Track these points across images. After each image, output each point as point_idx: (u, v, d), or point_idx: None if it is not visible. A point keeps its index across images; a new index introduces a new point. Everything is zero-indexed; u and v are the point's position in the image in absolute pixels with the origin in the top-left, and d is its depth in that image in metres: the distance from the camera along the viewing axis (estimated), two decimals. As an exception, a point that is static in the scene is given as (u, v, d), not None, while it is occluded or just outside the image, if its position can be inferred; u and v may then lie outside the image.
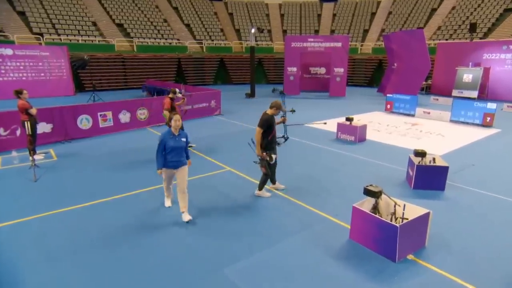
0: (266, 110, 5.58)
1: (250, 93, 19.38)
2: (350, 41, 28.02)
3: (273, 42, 29.76)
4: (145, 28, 27.26)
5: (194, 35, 29.10)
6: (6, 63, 17.91)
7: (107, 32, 25.02)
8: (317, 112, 14.43)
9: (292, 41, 20.27)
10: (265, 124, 5.40)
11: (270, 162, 5.54)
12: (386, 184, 6.24)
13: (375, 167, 7.32)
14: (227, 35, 30.57)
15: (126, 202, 5.52)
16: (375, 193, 4.28)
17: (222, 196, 5.76)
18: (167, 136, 4.75)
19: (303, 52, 20.36)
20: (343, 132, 9.54)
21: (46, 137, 8.97)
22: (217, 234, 4.59)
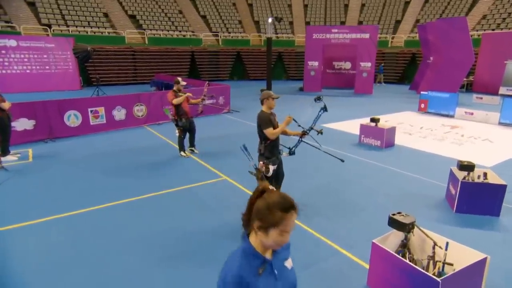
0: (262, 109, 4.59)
1: (265, 90, 18.33)
2: (380, 33, 26.41)
3: (295, 35, 28.54)
4: (159, 20, 26.80)
5: (210, 27, 28.37)
6: (10, 55, 17.78)
7: (119, 24, 24.71)
8: (338, 112, 13.21)
9: (313, 32, 19.06)
10: (266, 122, 4.39)
11: (266, 175, 4.52)
12: (419, 205, 5.07)
13: (405, 180, 6.12)
14: (245, 27, 29.66)
15: (99, 216, 4.66)
16: (404, 225, 3.18)
17: (207, 213, 4.79)
18: (250, 271, 1.50)
19: (326, 44, 19.11)
20: (367, 135, 8.34)
21: (27, 135, 8.34)
22: (188, 279, 3.62)
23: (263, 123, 4.43)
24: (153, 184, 5.87)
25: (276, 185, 4.94)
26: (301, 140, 4.82)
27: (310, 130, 4.73)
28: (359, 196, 5.40)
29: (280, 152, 4.80)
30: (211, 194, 5.49)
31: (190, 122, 7.34)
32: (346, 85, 20.79)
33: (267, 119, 4.43)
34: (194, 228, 4.41)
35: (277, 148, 4.63)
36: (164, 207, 4.99)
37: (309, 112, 4.64)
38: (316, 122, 4.72)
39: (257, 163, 4.59)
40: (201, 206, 5.07)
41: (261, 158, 4.57)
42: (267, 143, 4.52)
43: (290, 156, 4.89)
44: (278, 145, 4.68)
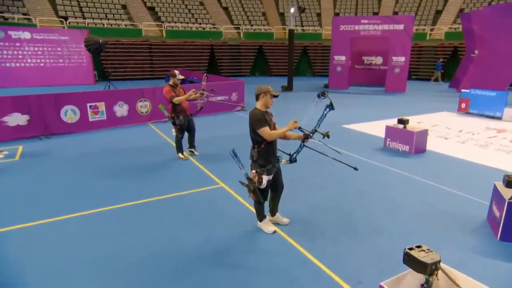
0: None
1: (286, 86, 17.64)
2: (417, 25, 24.97)
3: (322, 28, 27.55)
4: (178, 12, 26.71)
5: (232, 20, 27.97)
6: (24, 48, 18.12)
7: (137, 16, 24.79)
8: (364, 111, 12.33)
9: (341, 23, 18.12)
10: (261, 121, 3.78)
11: (259, 186, 3.89)
12: (453, 228, 4.26)
13: (436, 194, 5.28)
14: (269, 20, 29.03)
15: (65, 228, 4.22)
16: (424, 266, 2.44)
17: (192, 227, 4.21)
18: None
19: (354, 37, 18.12)
20: (394, 138, 7.49)
21: (20, 131, 8.13)
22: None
23: (256, 122, 3.80)
24: (140, 189, 5.39)
25: (273, 199, 4.33)
26: (304, 145, 4.15)
27: (313, 133, 4.05)
28: (377, 214, 4.64)
29: (279, 160, 4.16)
30: (202, 204, 4.93)
31: (189, 120, 6.82)
32: (377, 82, 19.65)
33: (260, 117, 3.81)
34: (171, 246, 3.85)
35: (273, 155, 4.00)
36: (144, 219, 4.48)
37: (312, 110, 3.94)
38: (320, 123, 4.03)
39: (249, 172, 3.98)
40: (187, 218, 4.52)
41: (254, 166, 3.96)
42: (261, 148, 3.89)
43: (291, 164, 4.24)
44: (275, 151, 4.04)
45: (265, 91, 3.91)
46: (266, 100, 3.92)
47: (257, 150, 3.92)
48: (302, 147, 4.18)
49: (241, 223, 4.40)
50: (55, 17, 21.93)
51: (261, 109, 3.92)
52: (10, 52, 17.96)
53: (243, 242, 4.00)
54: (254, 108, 3.95)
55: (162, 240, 3.98)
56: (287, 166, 4.21)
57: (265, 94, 3.91)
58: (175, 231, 4.21)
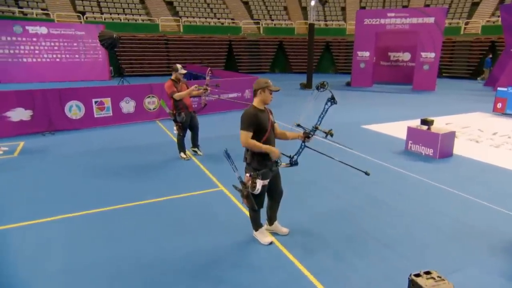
0: None
1: (306, 84, 17.18)
2: (451, 19, 23.87)
3: (346, 22, 26.82)
4: (197, 7, 26.68)
5: (252, 14, 27.70)
6: (41, 43, 18.49)
7: (155, 11, 24.93)
8: (387, 111, 11.74)
9: (365, 16, 17.47)
10: (248, 123, 3.45)
11: (252, 192, 3.56)
12: (482, 247, 3.77)
13: (463, 206, 4.77)
14: (290, 14, 28.56)
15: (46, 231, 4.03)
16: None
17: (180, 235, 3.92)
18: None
19: (380, 31, 17.43)
20: (416, 141, 6.97)
21: (23, 127, 8.13)
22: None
23: (242, 122, 3.49)
24: (132, 191, 5.17)
25: (270, 206, 3.99)
26: (305, 145, 3.78)
27: (314, 130, 3.67)
28: (390, 226, 4.21)
29: (278, 163, 3.80)
30: (196, 209, 4.64)
31: (192, 118, 6.56)
32: (404, 80, 18.87)
33: (250, 119, 3.46)
34: (152, 256, 3.57)
35: (270, 157, 3.64)
36: (130, 224, 4.23)
37: (311, 105, 3.56)
38: (322, 119, 3.64)
39: (243, 175, 3.66)
40: (177, 224, 4.24)
41: (248, 169, 3.64)
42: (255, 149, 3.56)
43: (292, 167, 3.88)
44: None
45: (263, 87, 3.56)
46: (265, 96, 3.58)
47: (250, 152, 3.59)
48: (303, 147, 3.81)
49: (236, 231, 4.08)
50: (73, 12, 22.37)
51: (257, 107, 3.58)
52: (27, 47, 18.38)
53: (234, 254, 3.67)
54: (249, 106, 3.62)
55: (144, 249, 3.71)
56: (289, 169, 3.86)
57: (263, 89, 3.56)
58: (161, 238, 3.93)
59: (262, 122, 3.52)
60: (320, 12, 28.00)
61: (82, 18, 21.50)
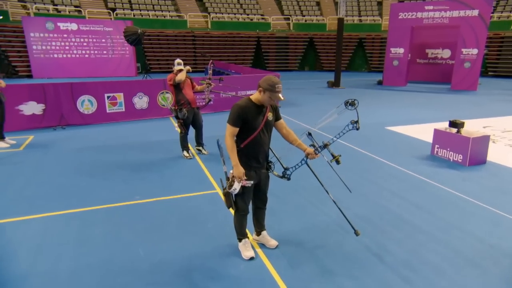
0: None
1: (333, 82, 16.50)
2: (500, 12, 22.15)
3: (382, 18, 25.68)
4: (226, 2, 26.59)
5: (282, 10, 27.21)
6: (71, 39, 19.05)
7: (184, 7, 25.10)
8: (419, 112, 10.92)
9: (400, 10, 16.49)
10: (234, 117, 3.05)
11: (229, 190, 3.19)
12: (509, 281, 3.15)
13: (494, 224, 4.10)
14: (323, 10, 27.79)
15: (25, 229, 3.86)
16: None
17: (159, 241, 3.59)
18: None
19: (416, 26, 16.40)
20: (443, 145, 6.26)
21: (35, 121, 8.20)
22: None
23: (231, 114, 3.07)
24: (123, 190, 4.92)
25: (254, 213, 3.59)
26: (306, 161, 3.35)
27: (322, 148, 3.21)
28: (398, 244, 3.65)
29: (270, 167, 3.40)
30: (183, 213, 4.31)
31: (195, 114, 6.26)
32: (442, 79, 17.70)
33: (236, 111, 3.05)
34: (121, 265, 3.26)
35: (256, 158, 3.24)
36: (108, 226, 3.95)
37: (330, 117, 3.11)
38: (336, 139, 3.20)
39: (230, 170, 3.31)
40: (158, 229, 3.91)
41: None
42: (240, 146, 3.18)
43: (284, 179, 3.48)
44: (261, 154, 3.27)
45: (265, 89, 3.03)
46: (263, 97, 3.10)
47: (236, 149, 3.21)
48: (302, 163, 3.39)
49: (222, 239, 3.70)
50: (104, 9, 22.93)
51: (253, 101, 3.14)
52: (58, 43, 19.02)
53: (212, 264, 3.30)
54: (244, 98, 3.20)
55: (114, 255, 3.41)
56: (295, 172, 3.45)
57: (265, 91, 3.09)
58: (136, 243, 3.62)
59: (251, 119, 3.09)
60: (354, 8, 27.06)
61: (112, 15, 21.97)
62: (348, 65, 24.88)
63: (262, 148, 3.25)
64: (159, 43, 21.96)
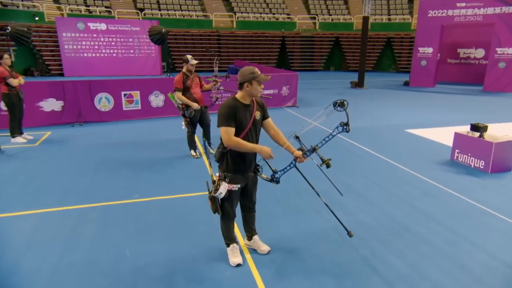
0: None
1: (357, 82, 16.01)
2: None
3: (413, 16, 24.71)
4: (253, 2, 26.50)
5: (309, 9, 26.80)
6: (100, 39, 19.58)
7: (210, 6, 25.23)
8: (443, 115, 10.37)
9: (429, 8, 15.76)
10: (227, 117, 2.87)
11: (214, 195, 3.05)
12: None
13: (511, 240, 3.74)
14: (351, 9, 27.13)
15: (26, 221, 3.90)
16: None
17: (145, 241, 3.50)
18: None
19: (446, 24, 15.61)
20: (464, 150, 5.83)
21: (54, 117, 8.39)
22: None
23: (221, 116, 2.91)
24: (123, 188, 4.89)
25: (244, 218, 3.44)
26: (294, 164, 3.15)
27: (311, 152, 3.00)
28: (399, 256, 3.36)
29: (258, 170, 3.23)
30: (177, 213, 4.20)
31: (202, 113, 6.15)
32: (475, 80, 16.76)
33: (228, 112, 2.88)
34: (105, 267, 3.18)
35: (243, 161, 3.08)
36: (99, 225, 3.90)
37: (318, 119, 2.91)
38: (325, 143, 2.99)
39: (218, 173, 3.19)
40: (149, 230, 3.82)
41: (220, 170, 3.12)
42: (226, 148, 3.02)
43: (273, 183, 3.29)
44: (249, 157, 3.11)
45: (249, 79, 2.88)
46: (253, 89, 2.92)
47: (221, 151, 3.06)
48: (291, 167, 3.19)
49: (212, 242, 3.56)
50: (133, 9, 23.43)
51: (241, 100, 2.97)
52: (88, 42, 19.58)
53: (198, 268, 3.16)
54: (229, 98, 3.04)
55: (100, 256, 3.34)
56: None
57: (250, 82, 2.92)
58: (125, 244, 3.53)
59: (240, 118, 2.93)
60: (383, 6, 26.25)
61: (140, 15, 22.41)
62: (375, 65, 24.15)
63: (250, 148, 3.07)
64: (184, 43, 22.18)
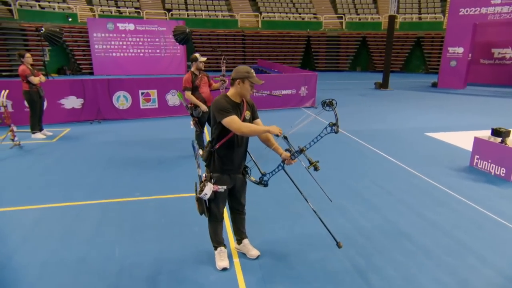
0: None
1: (381, 83, 15.51)
2: None
3: (444, 16, 23.68)
4: (279, 1, 26.33)
5: (336, 8, 26.31)
6: (128, 39, 20.08)
7: (237, 7, 25.30)
8: (469, 118, 9.84)
9: (461, 6, 15.00)
10: (226, 108, 2.78)
11: (199, 195, 2.97)
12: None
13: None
14: (379, 8, 26.38)
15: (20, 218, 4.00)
16: None
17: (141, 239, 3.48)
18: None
19: (480, 23, 14.81)
20: (484, 156, 5.45)
21: (74, 114, 8.63)
22: None
23: (219, 111, 2.79)
24: (126, 186, 4.91)
25: (233, 220, 3.34)
26: (283, 166, 3.03)
27: (299, 154, 2.87)
28: (395, 267, 3.14)
29: (247, 172, 3.13)
30: (173, 213, 4.14)
31: (210, 113, 6.09)
32: (510, 81, 15.82)
33: (224, 105, 2.79)
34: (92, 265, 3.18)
35: (231, 162, 2.99)
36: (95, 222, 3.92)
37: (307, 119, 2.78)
38: (313, 144, 2.85)
39: (205, 173, 3.12)
40: (143, 229, 3.78)
41: (207, 170, 3.05)
42: (214, 147, 2.94)
43: (261, 185, 3.18)
44: (237, 158, 3.01)
45: (243, 77, 2.81)
46: (243, 88, 2.85)
47: (209, 150, 2.98)
48: (279, 169, 3.07)
49: (205, 244, 3.43)
50: (162, 10, 23.88)
51: (232, 98, 2.89)
52: (117, 42, 20.14)
53: (184, 271, 3.09)
54: (221, 96, 2.96)
55: (90, 254, 3.33)
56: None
57: (243, 80, 2.84)
58: (116, 243, 3.51)
59: (237, 111, 2.86)
60: (414, 4, 25.35)
61: (167, 15, 22.80)
62: (403, 66, 23.35)
63: (238, 150, 2.98)
64: (209, 42, 22.35)
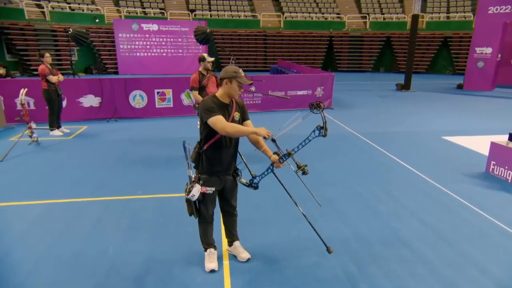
0: None
1: (403, 84, 15.05)
2: None
3: (474, 15, 22.70)
4: (302, 1, 26.08)
5: (360, 8, 25.78)
6: (152, 39, 20.46)
7: (260, 7, 25.27)
8: (493, 122, 9.38)
9: (490, 4, 14.33)
10: (211, 108, 2.75)
11: (187, 197, 2.94)
12: None
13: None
14: (406, 7, 25.63)
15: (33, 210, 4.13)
16: None
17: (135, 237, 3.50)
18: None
19: (510, 21, 14.08)
20: (501, 162, 5.15)
21: (92, 112, 8.85)
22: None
23: (205, 111, 2.75)
24: (130, 184, 4.97)
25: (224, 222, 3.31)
26: (272, 169, 2.97)
27: (287, 157, 2.80)
28: (389, 277, 3.00)
29: (238, 174, 3.09)
30: (171, 213, 4.13)
31: (217, 113, 6.08)
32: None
33: (211, 105, 2.75)
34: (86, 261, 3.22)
35: (220, 163, 2.95)
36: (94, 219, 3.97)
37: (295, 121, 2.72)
38: (302, 147, 2.77)
39: (193, 175, 3.10)
40: (139, 228, 3.79)
41: (196, 171, 3.03)
42: (202, 148, 2.92)
43: (251, 188, 3.14)
44: (226, 159, 2.97)
45: (230, 77, 2.79)
46: (231, 88, 2.82)
47: (197, 151, 2.96)
48: (269, 172, 3.01)
49: (196, 245, 3.39)
50: (185, 10, 24.19)
51: (220, 99, 2.86)
52: (141, 42, 20.56)
53: (172, 271, 3.08)
54: (209, 96, 2.94)
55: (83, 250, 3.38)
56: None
57: (230, 80, 2.82)
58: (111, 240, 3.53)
59: (224, 111, 2.82)
60: (442, 3, 24.47)
61: (190, 15, 23.07)
62: (429, 66, 22.59)
63: (227, 151, 2.94)
64: (231, 42, 22.44)
